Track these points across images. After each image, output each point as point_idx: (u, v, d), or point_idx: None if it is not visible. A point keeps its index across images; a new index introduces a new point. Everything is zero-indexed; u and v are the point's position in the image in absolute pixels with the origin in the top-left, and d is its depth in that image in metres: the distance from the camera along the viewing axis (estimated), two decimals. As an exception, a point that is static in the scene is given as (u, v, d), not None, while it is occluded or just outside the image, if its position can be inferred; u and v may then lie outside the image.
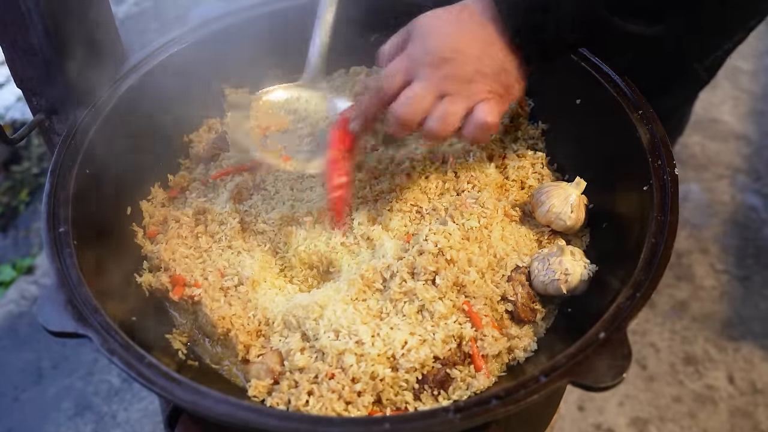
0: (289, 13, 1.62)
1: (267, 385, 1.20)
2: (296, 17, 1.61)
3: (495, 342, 1.23)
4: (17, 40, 1.34)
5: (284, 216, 1.41)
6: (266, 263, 1.38)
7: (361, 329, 1.19)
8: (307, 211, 1.41)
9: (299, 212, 1.41)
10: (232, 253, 1.39)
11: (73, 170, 1.27)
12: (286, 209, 1.42)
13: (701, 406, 2.51)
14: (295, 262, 1.39)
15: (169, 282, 1.34)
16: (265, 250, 1.40)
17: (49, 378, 2.62)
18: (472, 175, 1.45)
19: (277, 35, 1.60)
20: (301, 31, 1.51)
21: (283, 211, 1.42)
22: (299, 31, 1.51)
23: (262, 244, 1.41)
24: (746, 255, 2.97)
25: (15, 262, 3.01)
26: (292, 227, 1.41)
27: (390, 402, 1.17)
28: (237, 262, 1.36)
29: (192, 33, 1.55)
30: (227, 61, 1.61)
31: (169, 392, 1.00)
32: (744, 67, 3.86)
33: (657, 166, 1.27)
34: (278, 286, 1.36)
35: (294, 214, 1.42)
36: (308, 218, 1.41)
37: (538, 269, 1.30)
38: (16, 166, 3.37)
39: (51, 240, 1.16)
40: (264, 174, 1.50)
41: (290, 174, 1.48)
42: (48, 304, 1.09)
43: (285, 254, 1.40)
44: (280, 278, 1.39)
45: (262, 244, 1.41)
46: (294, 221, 1.42)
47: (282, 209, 1.42)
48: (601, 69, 1.44)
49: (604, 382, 0.99)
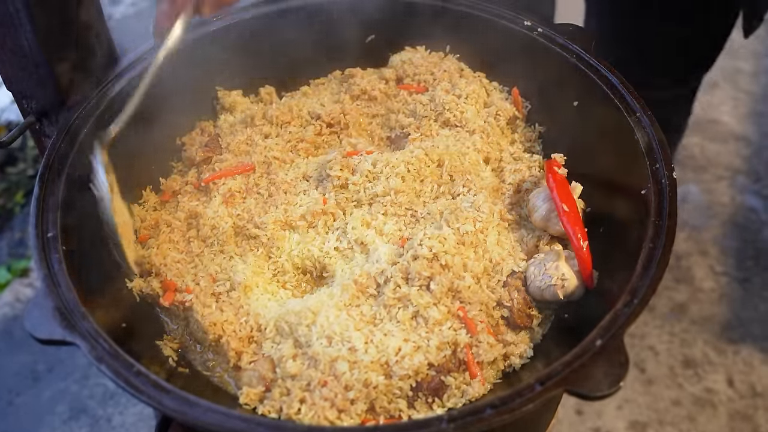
0: (282, 15, 1.60)
1: (259, 392, 1.18)
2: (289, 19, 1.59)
3: (490, 348, 1.21)
4: (6, 42, 1.32)
5: (277, 220, 1.40)
6: (258, 268, 1.37)
7: (354, 336, 1.17)
8: (300, 215, 1.40)
9: (293, 216, 1.40)
10: (224, 258, 1.37)
11: (62, 174, 1.26)
12: (279, 213, 1.41)
13: (700, 409, 2.49)
14: (288, 267, 1.37)
15: (160, 287, 1.32)
16: (258, 254, 1.38)
17: (44, 381, 2.61)
18: (467, 178, 1.43)
19: (270, 37, 1.59)
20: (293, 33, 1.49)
21: (277, 215, 1.40)
22: (292, 33, 1.49)
23: (255, 249, 1.39)
24: (746, 257, 2.95)
25: (10, 264, 3.00)
26: (286, 231, 1.39)
27: (383, 410, 1.15)
28: (229, 266, 1.34)
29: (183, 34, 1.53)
30: (220, 63, 1.59)
31: (157, 402, 0.98)
32: (744, 68, 3.84)
33: (655, 170, 1.25)
34: (271, 291, 1.35)
35: (287, 218, 1.40)
36: (302, 222, 1.39)
37: (534, 274, 1.29)
38: (11, 167, 3.35)
39: (39, 245, 1.15)
40: (257, 177, 1.48)
41: (284, 177, 1.46)
42: (36, 311, 1.07)
43: (278, 259, 1.38)
44: (273, 283, 1.37)
45: (254, 248, 1.39)
46: (287, 225, 1.40)
47: (275, 213, 1.41)
48: (598, 71, 1.42)
49: (600, 390, 0.98)
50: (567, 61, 1.47)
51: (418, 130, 1.56)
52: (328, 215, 1.41)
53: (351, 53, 1.69)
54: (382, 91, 1.63)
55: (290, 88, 1.71)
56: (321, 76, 1.74)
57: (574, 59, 1.46)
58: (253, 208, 1.43)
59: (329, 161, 1.46)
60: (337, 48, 1.68)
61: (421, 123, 1.57)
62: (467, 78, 1.63)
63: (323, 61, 1.71)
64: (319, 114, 1.58)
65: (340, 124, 1.59)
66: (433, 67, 1.64)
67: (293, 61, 1.56)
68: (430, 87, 1.62)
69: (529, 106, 1.63)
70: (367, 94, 1.63)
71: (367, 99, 1.64)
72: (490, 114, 1.58)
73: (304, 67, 1.69)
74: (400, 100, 1.63)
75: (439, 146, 1.47)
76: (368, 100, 1.64)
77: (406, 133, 1.58)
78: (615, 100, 1.37)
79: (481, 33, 1.59)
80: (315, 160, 1.53)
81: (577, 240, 1.28)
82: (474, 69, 1.67)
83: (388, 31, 1.67)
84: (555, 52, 1.49)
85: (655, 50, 2.10)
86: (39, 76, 1.37)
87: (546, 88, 1.55)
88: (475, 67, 1.67)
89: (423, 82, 1.63)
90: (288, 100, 1.66)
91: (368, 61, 1.71)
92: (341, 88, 1.69)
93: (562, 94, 1.50)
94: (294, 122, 1.58)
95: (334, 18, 1.62)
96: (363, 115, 1.62)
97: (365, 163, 1.45)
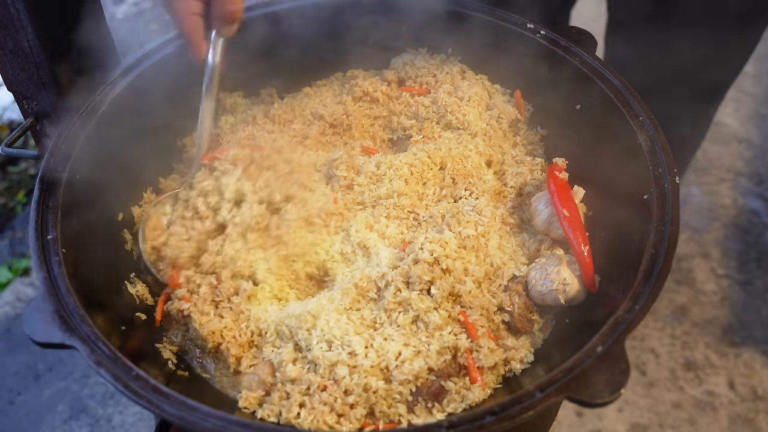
0: (285, 15, 1.60)
1: (258, 396, 1.18)
2: (292, 20, 1.58)
3: (491, 353, 1.20)
4: (7, 43, 1.32)
5: (300, 216, 1.38)
6: (279, 270, 1.36)
7: (354, 340, 1.17)
8: (317, 212, 1.39)
9: (311, 211, 1.39)
10: (246, 248, 1.35)
11: (63, 176, 1.25)
12: (299, 208, 1.39)
13: (701, 412, 2.49)
14: (302, 275, 1.37)
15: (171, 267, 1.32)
16: (281, 256, 1.37)
17: (45, 381, 2.61)
18: (470, 181, 1.43)
19: (272, 38, 1.58)
20: (296, 34, 1.48)
21: (298, 211, 1.39)
22: (294, 33, 1.48)
23: (278, 246, 1.37)
24: (748, 259, 2.94)
25: (11, 263, 3.00)
26: (304, 230, 1.39)
27: (383, 414, 1.14)
28: (250, 261, 1.33)
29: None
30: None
31: (156, 406, 0.97)
32: (747, 70, 3.81)
33: (658, 174, 1.25)
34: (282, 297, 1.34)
35: (308, 214, 1.39)
36: (318, 220, 1.39)
37: (535, 279, 1.28)
38: (13, 167, 3.35)
39: (39, 248, 1.14)
40: (266, 156, 1.44)
41: (299, 159, 1.46)
42: (35, 314, 1.07)
43: (295, 266, 1.37)
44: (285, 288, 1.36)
45: (277, 245, 1.38)
46: (307, 222, 1.39)
47: (296, 209, 1.39)
48: (602, 74, 1.41)
49: (601, 397, 0.97)
50: (570, 64, 1.46)
51: (420, 132, 1.56)
52: (338, 215, 1.41)
53: (352, 55, 1.68)
54: (384, 92, 1.63)
55: (291, 89, 1.70)
56: (322, 78, 1.73)
57: (577, 62, 1.45)
58: (273, 182, 1.39)
59: (335, 160, 1.46)
60: (339, 49, 1.67)
61: (423, 125, 1.57)
62: (469, 80, 1.62)
63: (324, 63, 1.70)
64: (321, 114, 1.58)
65: (343, 125, 1.58)
66: (435, 69, 1.64)
67: (294, 62, 1.55)
68: (432, 89, 1.62)
69: (532, 109, 1.62)
70: (369, 95, 1.63)
71: (369, 101, 1.63)
72: (493, 117, 1.57)
73: (306, 69, 1.69)
74: (402, 102, 1.62)
75: (442, 149, 1.47)
76: (370, 102, 1.63)
77: (408, 135, 1.58)
78: (618, 103, 1.36)
79: (483, 35, 1.59)
80: (323, 155, 1.53)
81: (578, 245, 1.27)
82: (476, 71, 1.66)
83: (390, 32, 1.66)
84: (558, 55, 1.48)
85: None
86: (40, 78, 1.37)
87: (549, 91, 1.55)
88: (478, 69, 1.66)
89: (425, 84, 1.63)
90: (290, 101, 1.66)
91: (369, 63, 1.70)
92: (343, 90, 1.68)
93: (565, 97, 1.50)
94: (296, 121, 1.58)
95: (334, 19, 1.61)
96: (365, 116, 1.61)
97: (369, 165, 1.45)
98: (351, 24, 1.62)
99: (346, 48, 1.66)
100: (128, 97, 1.41)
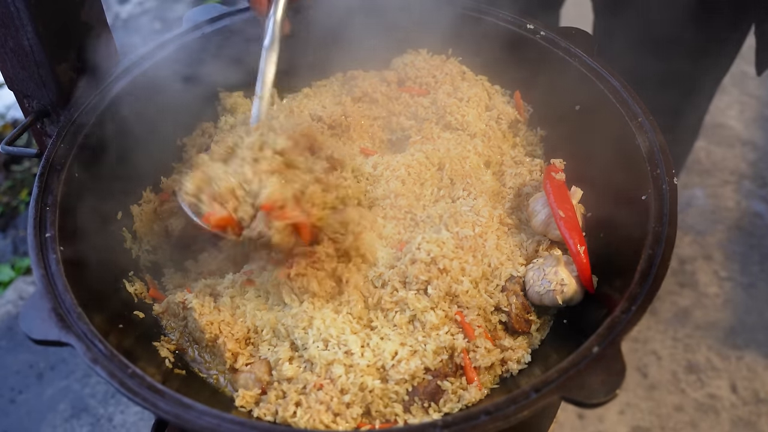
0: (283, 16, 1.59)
1: (254, 395, 1.18)
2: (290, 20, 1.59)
3: (488, 353, 1.20)
4: (8, 42, 1.32)
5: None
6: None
7: (350, 339, 1.17)
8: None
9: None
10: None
11: (62, 174, 1.26)
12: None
13: (703, 415, 2.48)
14: None
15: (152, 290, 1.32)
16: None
17: (46, 379, 2.61)
18: (468, 181, 1.43)
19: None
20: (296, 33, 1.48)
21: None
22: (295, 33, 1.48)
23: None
24: (751, 262, 2.93)
25: (14, 262, 3.01)
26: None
27: (379, 414, 1.14)
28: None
29: (186, 35, 1.53)
30: (222, 64, 1.58)
31: (152, 404, 0.97)
32: (751, 72, 3.79)
33: (656, 175, 1.24)
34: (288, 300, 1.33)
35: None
36: None
37: (533, 279, 1.28)
38: (16, 165, 3.37)
39: (37, 245, 1.15)
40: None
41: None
42: (32, 311, 1.07)
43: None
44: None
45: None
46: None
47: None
48: (601, 75, 1.41)
49: (596, 398, 0.97)
50: (569, 64, 1.46)
51: (420, 132, 1.56)
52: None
53: (352, 55, 1.68)
54: (384, 93, 1.63)
55: (292, 89, 1.70)
56: (322, 78, 1.73)
57: (577, 63, 1.45)
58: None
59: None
60: (339, 50, 1.67)
61: (422, 126, 1.56)
62: (469, 81, 1.62)
63: (325, 63, 1.70)
64: (320, 116, 1.58)
65: (342, 126, 1.58)
66: (435, 70, 1.64)
67: (294, 62, 1.55)
68: (432, 90, 1.62)
69: (531, 109, 1.62)
70: (368, 96, 1.63)
71: (368, 101, 1.63)
72: (492, 117, 1.57)
73: (306, 69, 1.69)
74: (402, 103, 1.62)
75: (440, 149, 1.47)
76: (369, 103, 1.63)
77: (407, 135, 1.58)
78: (617, 104, 1.36)
79: (483, 36, 1.59)
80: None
81: (574, 245, 1.27)
82: (476, 72, 1.66)
83: (390, 33, 1.66)
84: (558, 56, 1.48)
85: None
86: (40, 76, 1.37)
87: (548, 91, 1.54)
88: (477, 70, 1.66)
89: (425, 84, 1.63)
90: (289, 102, 1.66)
91: (369, 63, 1.70)
92: (342, 90, 1.68)
93: (564, 97, 1.50)
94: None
95: (335, 19, 1.61)
96: (364, 117, 1.61)
97: (366, 166, 1.45)
98: (351, 23, 1.62)
99: (347, 48, 1.66)
100: (128, 97, 1.42)
